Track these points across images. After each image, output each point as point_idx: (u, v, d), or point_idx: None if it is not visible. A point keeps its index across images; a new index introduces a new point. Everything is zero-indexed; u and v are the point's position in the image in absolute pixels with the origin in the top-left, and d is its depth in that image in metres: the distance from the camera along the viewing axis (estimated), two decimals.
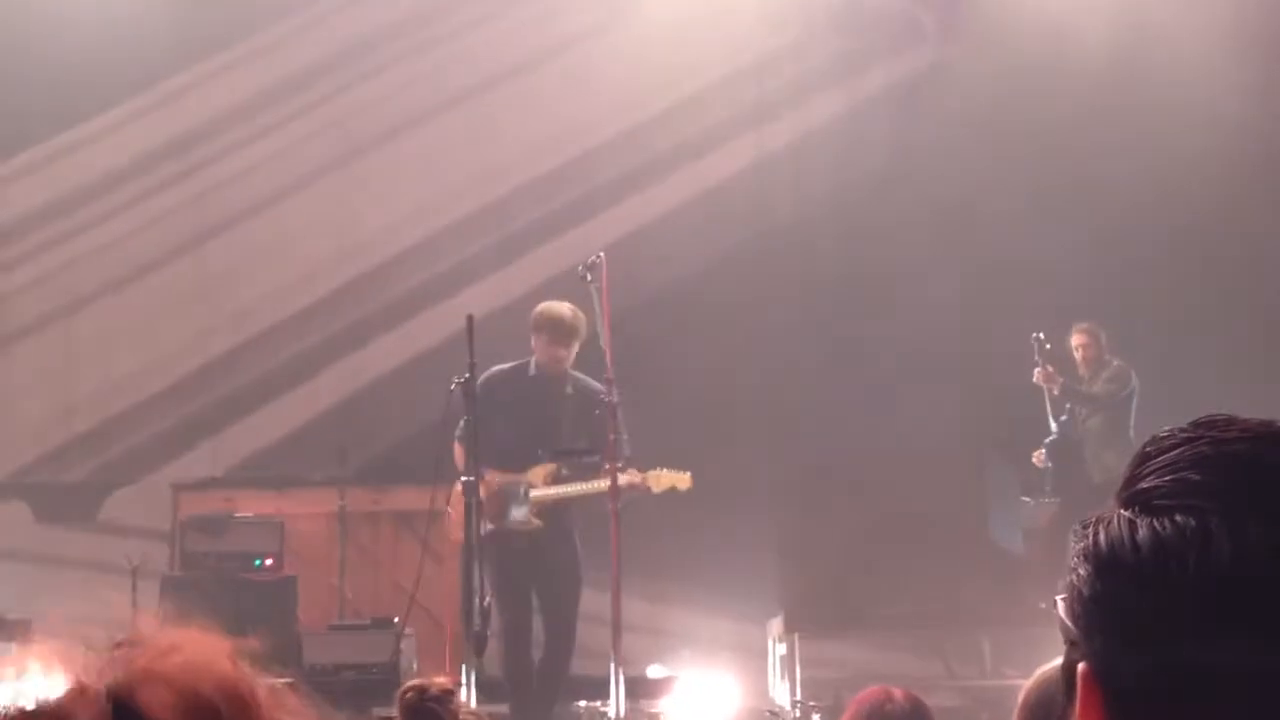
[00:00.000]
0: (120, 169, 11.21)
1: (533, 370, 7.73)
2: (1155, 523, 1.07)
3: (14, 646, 7.69)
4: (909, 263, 10.73)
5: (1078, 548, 1.12)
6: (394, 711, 2.93)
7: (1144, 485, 1.10)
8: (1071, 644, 1.12)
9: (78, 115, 11.13)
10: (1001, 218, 10.81)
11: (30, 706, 0.99)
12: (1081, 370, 10.16)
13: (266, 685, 1.03)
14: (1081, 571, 1.10)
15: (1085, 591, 1.10)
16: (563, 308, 7.58)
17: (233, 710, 0.98)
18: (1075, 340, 10.17)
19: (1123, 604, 1.07)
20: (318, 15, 11.47)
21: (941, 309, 10.53)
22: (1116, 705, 1.07)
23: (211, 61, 11.36)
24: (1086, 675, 1.09)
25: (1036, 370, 9.90)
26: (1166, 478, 1.09)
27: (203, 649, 1.01)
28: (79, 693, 0.99)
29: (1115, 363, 10.11)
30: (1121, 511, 1.10)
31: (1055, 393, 9.97)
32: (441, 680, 2.98)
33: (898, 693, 3.49)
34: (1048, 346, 9.97)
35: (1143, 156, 10.81)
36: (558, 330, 7.51)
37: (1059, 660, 1.20)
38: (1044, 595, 9.03)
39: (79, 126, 11.16)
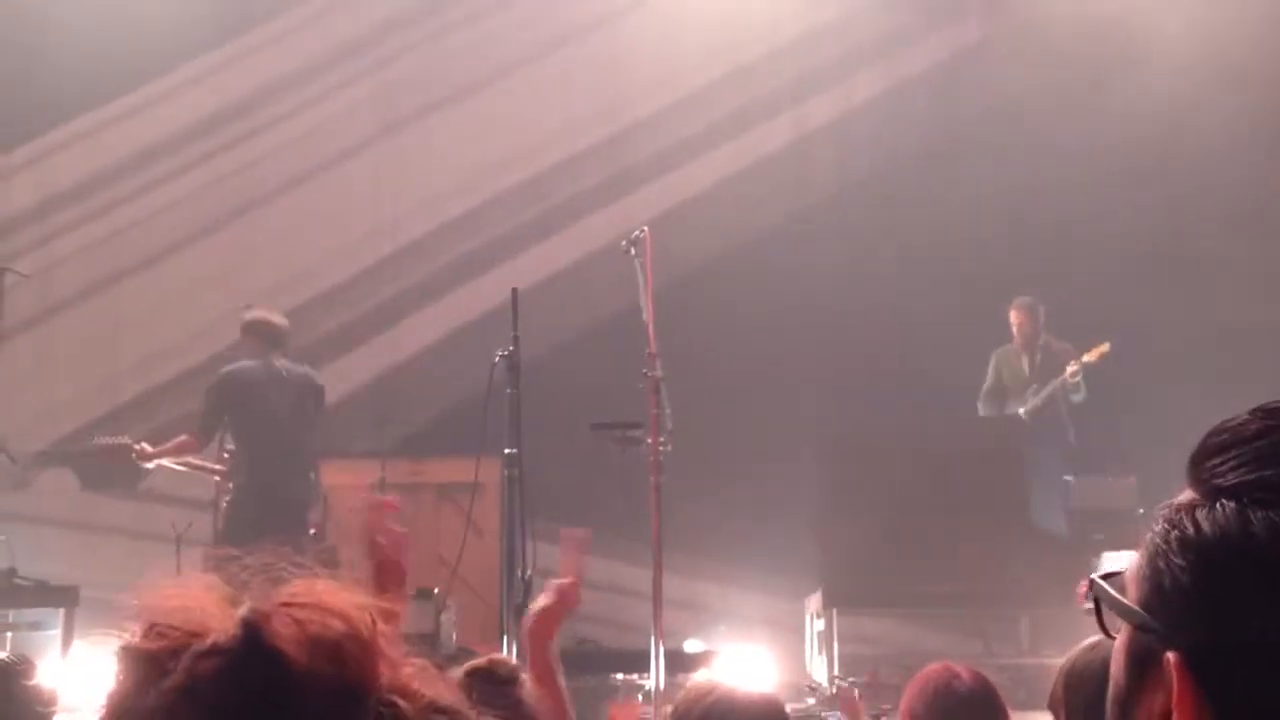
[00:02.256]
0: (162, 141, 11.29)
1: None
2: (1271, 515, 1.05)
3: (61, 613, 7.80)
4: (949, 240, 10.69)
5: (1170, 536, 1.09)
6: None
7: (1241, 478, 1.08)
8: (1143, 629, 1.10)
9: (121, 88, 11.21)
10: (1045, 196, 10.75)
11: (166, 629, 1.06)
12: (1018, 345, 10.12)
13: (392, 638, 1.09)
14: (1178, 560, 1.08)
15: (1184, 581, 1.07)
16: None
17: (354, 649, 1.04)
18: (1015, 318, 10.11)
19: (1238, 597, 1.04)
20: None
21: (984, 285, 10.47)
22: (1216, 699, 1.05)
23: (253, 35, 11.41)
24: (1180, 666, 1.06)
25: (1072, 366, 9.85)
26: (1269, 471, 1.07)
27: (337, 596, 1.07)
28: (214, 620, 1.06)
29: (1058, 346, 10.06)
30: (1224, 502, 1.08)
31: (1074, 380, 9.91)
32: (503, 658, 2.79)
33: (963, 671, 3.43)
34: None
35: (1193, 138, 10.72)
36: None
37: (1095, 638, 1.18)
38: (1083, 575, 8.99)
39: (123, 99, 11.24)
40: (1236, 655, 1.04)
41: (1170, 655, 1.07)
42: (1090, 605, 1.17)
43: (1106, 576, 1.15)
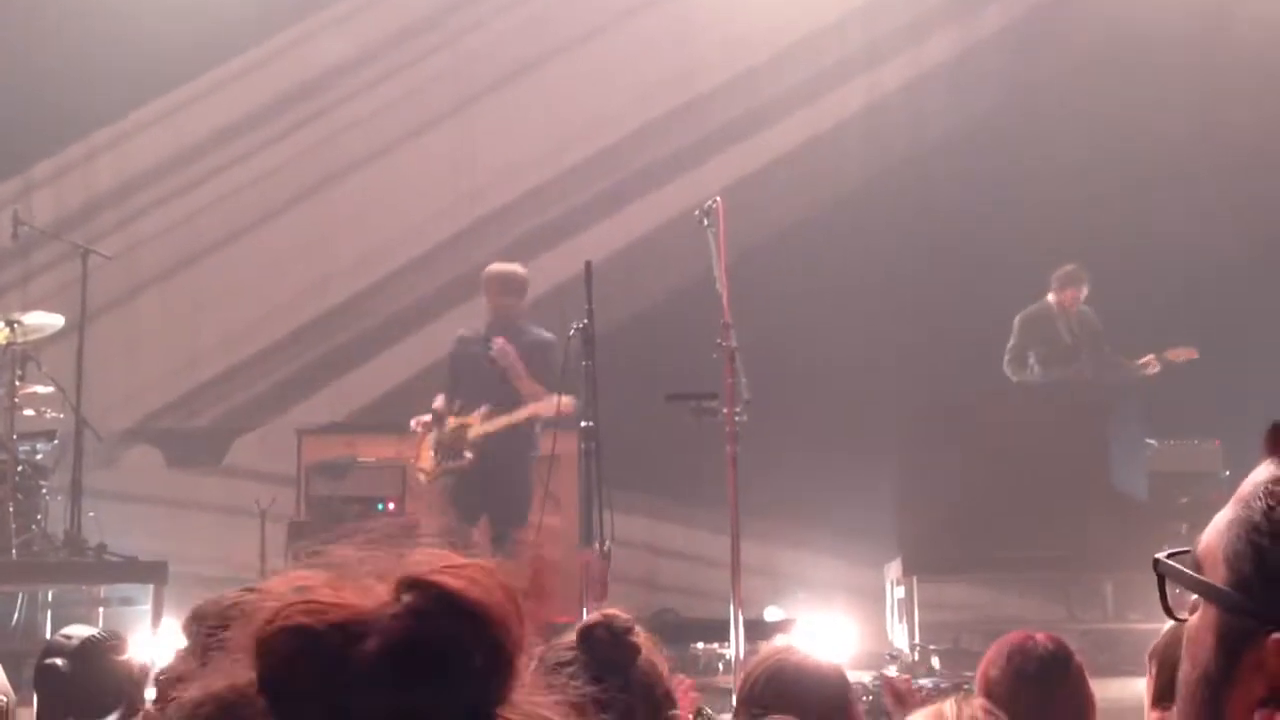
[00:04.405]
0: (239, 120, 11.39)
1: (483, 330, 8.48)
2: None
3: (151, 589, 7.94)
4: (1025, 204, 10.57)
5: (1274, 514, 1.06)
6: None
7: None
8: (1238, 611, 1.07)
9: (200, 67, 11.32)
10: (1122, 158, 10.59)
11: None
12: (1059, 311, 9.99)
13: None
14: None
15: None
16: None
17: (514, 615, 1.07)
18: (1068, 293, 9.98)
19: None
20: None
21: (1062, 248, 10.35)
22: None
23: (329, 10, 11.48)
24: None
25: (1149, 359, 9.76)
26: None
27: (487, 565, 1.10)
28: (366, 590, 1.08)
29: (1089, 311, 9.97)
30: None
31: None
32: (617, 612, 2.81)
33: (1040, 635, 3.43)
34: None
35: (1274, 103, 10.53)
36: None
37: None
38: (1167, 538, 8.91)
39: (201, 78, 11.35)
40: None
41: (1276, 638, 1.04)
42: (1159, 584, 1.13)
43: (1173, 555, 1.11)
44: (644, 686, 2.69)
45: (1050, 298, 10.07)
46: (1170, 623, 2.94)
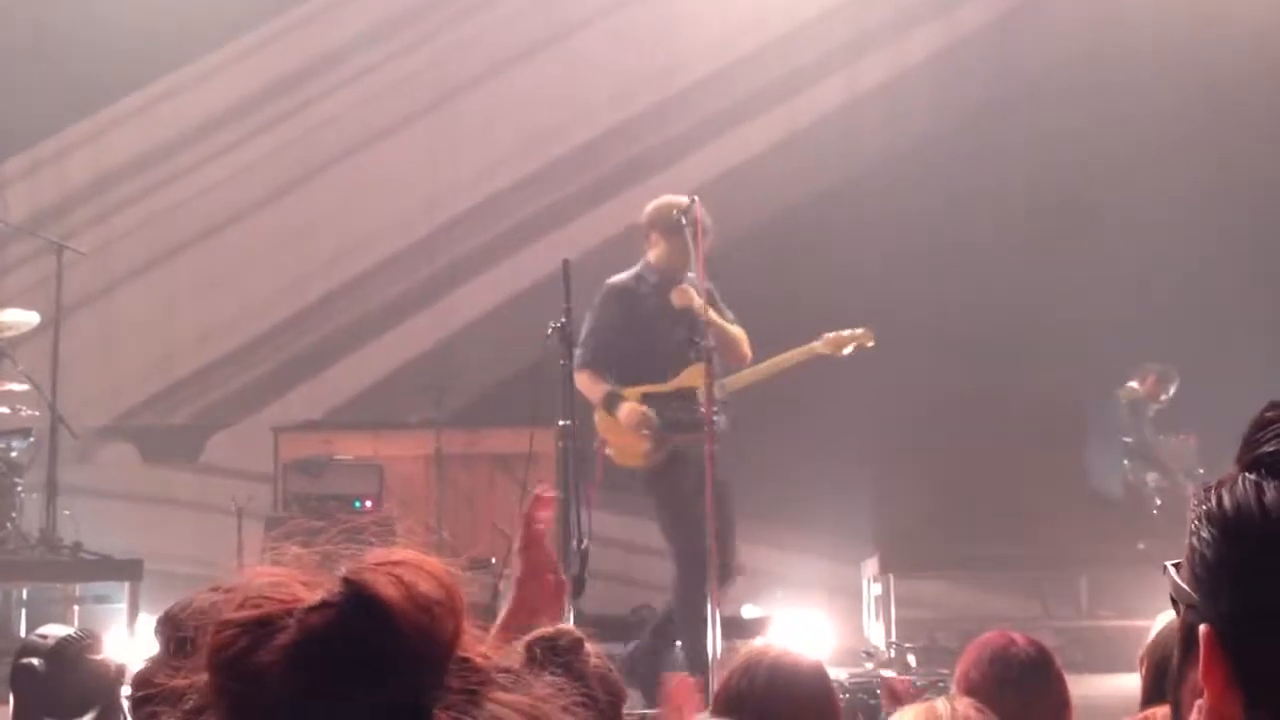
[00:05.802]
0: (216, 115, 11.34)
1: (655, 277, 7.48)
2: None
3: (126, 586, 7.90)
4: (1004, 206, 10.59)
5: (1199, 511, 1.11)
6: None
7: (1268, 449, 1.09)
8: (1190, 607, 1.12)
9: (175, 62, 11.26)
10: (1105, 157, 10.61)
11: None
12: (1147, 400, 10.17)
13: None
14: (1204, 535, 1.09)
15: (1209, 555, 1.09)
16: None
17: (444, 609, 1.11)
18: (1169, 389, 10.24)
19: (1250, 568, 1.06)
20: None
21: (1042, 246, 10.39)
22: (1242, 670, 1.06)
23: (308, 5, 11.44)
24: (1209, 639, 1.08)
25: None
26: None
27: (424, 560, 1.14)
28: (304, 591, 1.11)
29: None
30: (1246, 475, 1.09)
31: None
32: (568, 627, 2.77)
33: (1020, 638, 3.43)
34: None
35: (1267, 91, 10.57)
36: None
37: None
38: (1141, 537, 8.97)
39: (176, 73, 11.29)
40: (1254, 626, 1.05)
41: (1202, 628, 1.08)
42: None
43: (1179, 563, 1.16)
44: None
45: (1135, 385, 10.26)
46: (1159, 624, 2.98)
